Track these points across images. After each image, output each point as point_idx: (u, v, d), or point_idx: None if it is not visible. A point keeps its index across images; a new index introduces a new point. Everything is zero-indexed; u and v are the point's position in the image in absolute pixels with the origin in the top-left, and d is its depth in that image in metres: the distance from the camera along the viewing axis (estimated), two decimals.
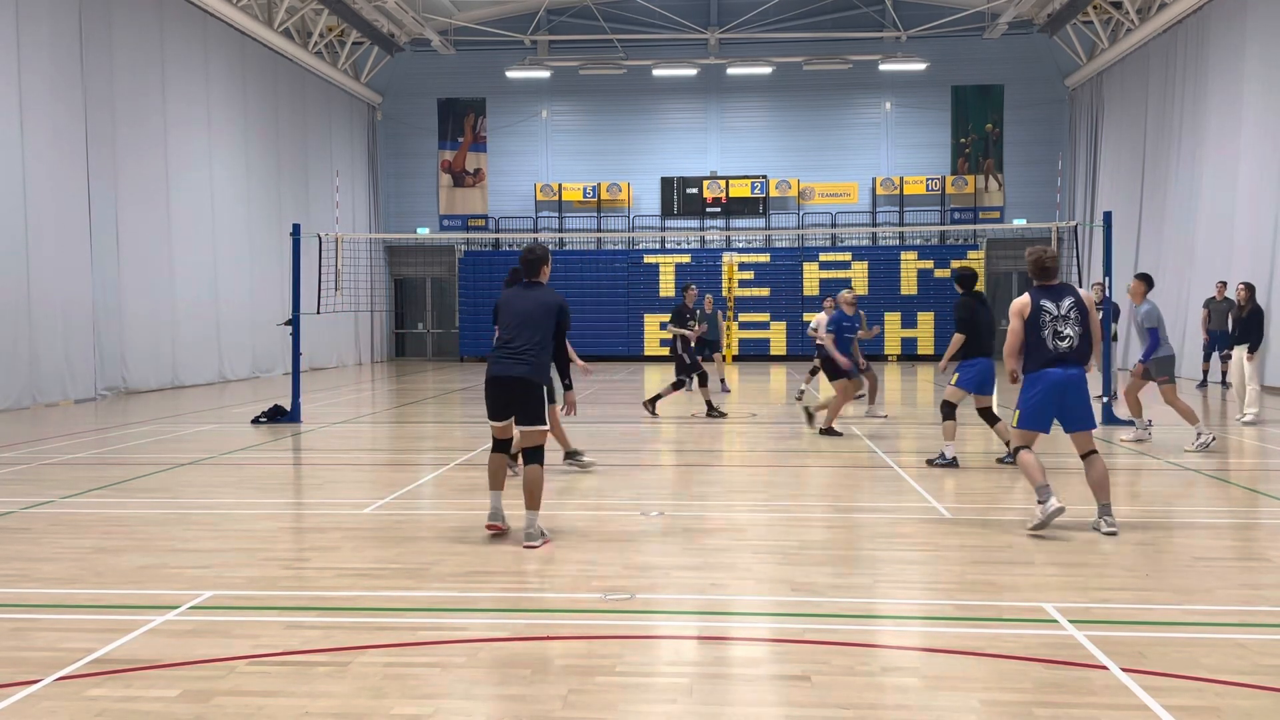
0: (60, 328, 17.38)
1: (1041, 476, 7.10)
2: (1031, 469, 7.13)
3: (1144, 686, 4.20)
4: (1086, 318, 7.11)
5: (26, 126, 16.72)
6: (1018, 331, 7.17)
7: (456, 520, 7.77)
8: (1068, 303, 7.09)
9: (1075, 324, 7.05)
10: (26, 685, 4.28)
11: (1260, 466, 10.43)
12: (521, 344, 6.82)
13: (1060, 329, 7.05)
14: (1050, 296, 7.13)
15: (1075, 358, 7.04)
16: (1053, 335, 7.03)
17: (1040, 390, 7.08)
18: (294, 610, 5.39)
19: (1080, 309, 7.09)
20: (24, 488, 9.17)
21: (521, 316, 6.88)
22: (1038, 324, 7.08)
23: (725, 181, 31.95)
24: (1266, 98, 19.44)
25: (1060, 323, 7.05)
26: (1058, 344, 7.03)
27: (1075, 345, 7.04)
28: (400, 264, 33.42)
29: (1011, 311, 7.25)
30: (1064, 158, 31.22)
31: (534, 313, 6.87)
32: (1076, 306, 7.09)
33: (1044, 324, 7.06)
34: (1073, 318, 7.06)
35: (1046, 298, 7.13)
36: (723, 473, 10.36)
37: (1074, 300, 7.12)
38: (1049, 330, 7.05)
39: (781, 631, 5.01)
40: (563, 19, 31.63)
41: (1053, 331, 7.04)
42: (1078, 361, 7.06)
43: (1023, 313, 7.15)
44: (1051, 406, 7.11)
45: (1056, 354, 7.03)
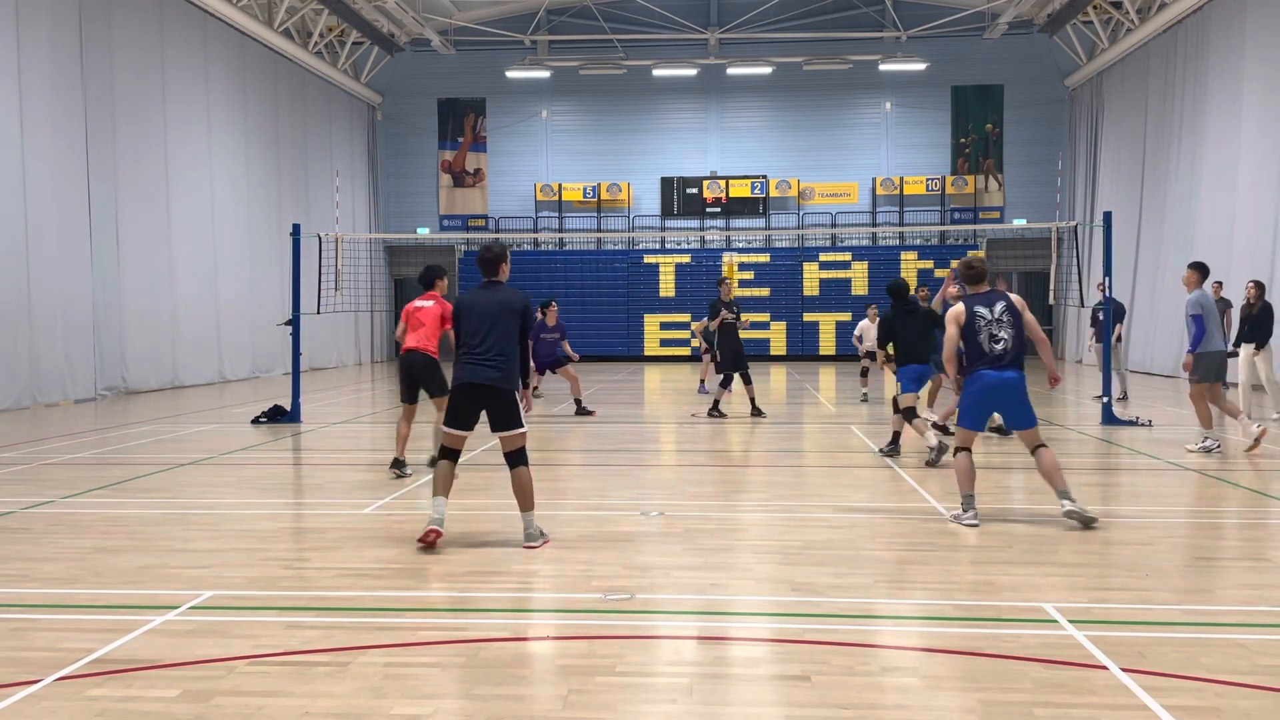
0: (60, 328, 17.38)
1: (970, 487, 7.38)
2: (963, 475, 7.42)
3: (1144, 686, 4.20)
4: (1019, 320, 7.42)
5: (26, 126, 16.73)
6: (954, 338, 7.52)
7: (457, 520, 7.77)
8: (1000, 307, 7.42)
9: (1009, 327, 7.36)
10: (26, 685, 4.28)
11: (1260, 466, 10.42)
12: (490, 348, 6.63)
13: (995, 332, 7.37)
14: (983, 303, 7.48)
15: (1010, 360, 7.35)
16: (988, 339, 7.36)
17: (976, 391, 7.41)
18: (294, 610, 5.39)
19: (1012, 312, 7.41)
20: (24, 488, 9.17)
21: (487, 319, 6.67)
22: (973, 329, 7.41)
23: (725, 181, 31.96)
24: (1266, 98, 19.44)
25: (994, 326, 7.38)
26: (993, 346, 7.35)
27: (1009, 347, 7.35)
28: (400, 264, 33.41)
29: (948, 319, 7.57)
30: (1064, 158, 31.22)
31: (499, 314, 6.68)
32: (1009, 310, 7.42)
33: (979, 329, 7.40)
34: (1006, 321, 7.38)
35: (980, 304, 7.48)
36: (723, 473, 10.36)
37: (1005, 304, 7.44)
38: (984, 334, 7.38)
39: (781, 631, 5.01)
40: (563, 19, 31.64)
41: (988, 335, 7.37)
42: (1013, 364, 7.37)
43: (959, 320, 7.48)
44: (988, 406, 7.50)
45: (992, 356, 7.36)
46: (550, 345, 15.46)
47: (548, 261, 32.49)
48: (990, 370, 7.35)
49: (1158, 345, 23.68)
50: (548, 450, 12.01)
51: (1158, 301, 23.93)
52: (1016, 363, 7.38)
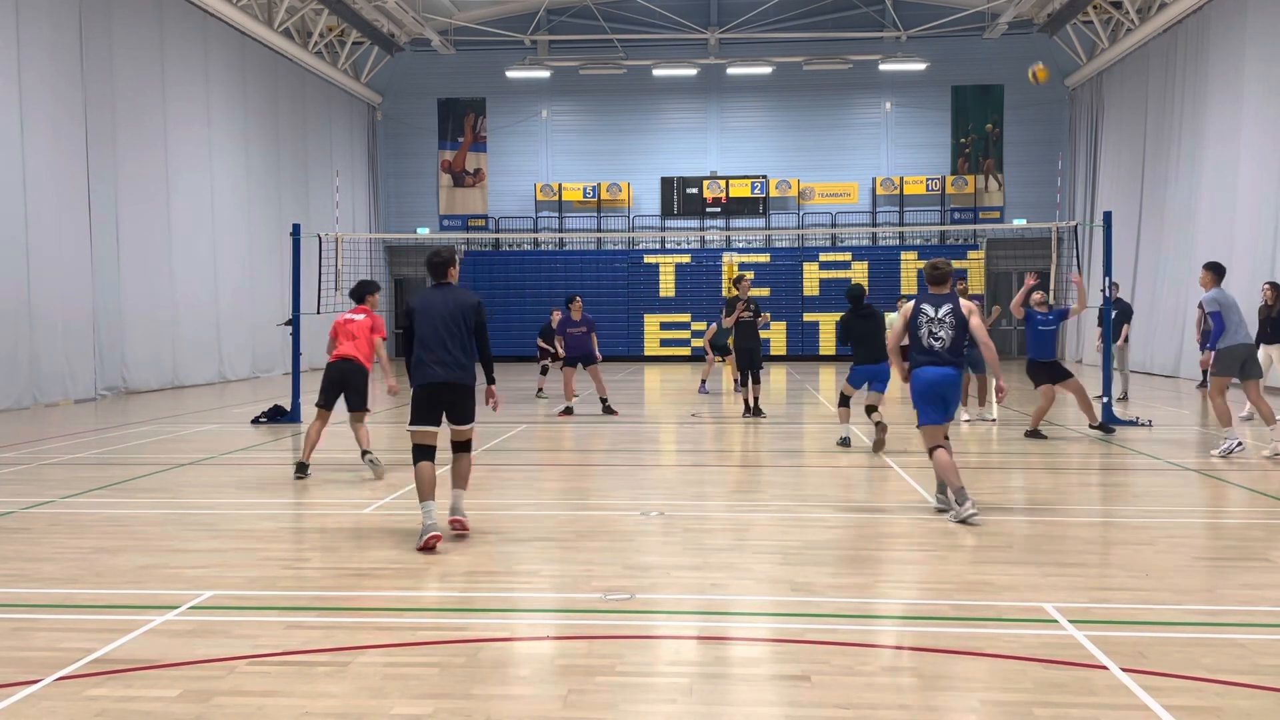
0: (60, 328, 17.39)
1: (957, 479, 7.55)
2: (947, 471, 7.59)
3: (1144, 686, 4.20)
4: (962, 324, 7.83)
5: (27, 126, 16.73)
6: (899, 331, 8.09)
7: None
8: (945, 309, 7.85)
9: (949, 328, 7.80)
10: (26, 685, 4.28)
11: (1260, 466, 10.42)
12: (452, 349, 6.89)
13: (935, 330, 7.82)
14: (932, 302, 7.91)
15: (947, 357, 7.78)
16: (928, 335, 7.82)
17: (920, 388, 7.81)
18: (294, 610, 5.39)
19: (957, 316, 7.82)
20: (24, 488, 9.17)
21: (443, 320, 6.91)
22: (916, 324, 7.89)
23: (725, 181, 31.96)
24: (1266, 98, 19.43)
25: (935, 325, 7.83)
26: (932, 343, 7.80)
27: (946, 346, 7.79)
28: (400, 264, 33.41)
29: (898, 315, 8.13)
30: (1064, 158, 31.22)
31: (454, 315, 6.94)
32: (954, 314, 7.83)
33: (921, 324, 7.86)
34: (948, 322, 7.82)
35: (928, 302, 7.91)
36: (723, 473, 10.36)
37: (952, 308, 7.85)
38: (925, 330, 7.83)
39: (781, 631, 5.01)
40: (563, 19, 31.64)
41: (928, 332, 7.82)
42: (950, 362, 7.80)
43: (906, 315, 8.02)
44: (935, 400, 7.79)
45: (930, 352, 7.80)
46: (580, 339, 15.65)
47: (548, 261, 32.49)
48: (929, 367, 7.78)
49: (1158, 345, 23.68)
50: (548, 450, 12.01)
51: (1158, 301, 23.94)
52: (955, 361, 7.81)
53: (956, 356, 7.81)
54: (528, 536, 7.13)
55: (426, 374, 6.91)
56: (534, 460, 11.22)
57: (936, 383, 7.73)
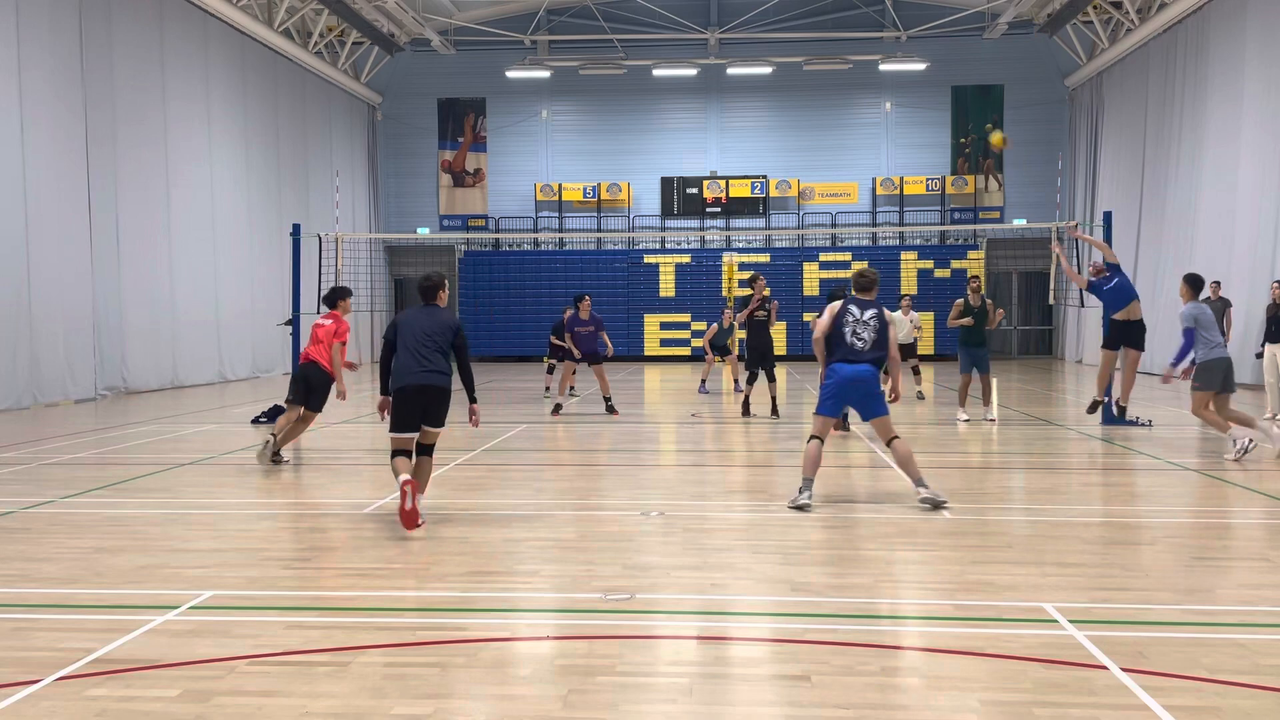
0: (60, 328, 17.39)
1: (812, 472, 8.14)
2: (810, 460, 8.18)
3: (1144, 686, 4.20)
4: (885, 329, 8.34)
5: (27, 126, 16.73)
6: (825, 326, 8.44)
7: (457, 520, 7.77)
8: (871, 313, 8.36)
9: (872, 330, 8.29)
10: (26, 685, 4.28)
11: (1260, 466, 10.42)
12: (430, 357, 7.52)
13: (859, 331, 8.31)
14: (859, 305, 8.41)
15: (867, 357, 8.25)
16: (851, 334, 8.29)
17: (833, 383, 8.29)
18: (294, 610, 5.39)
19: (880, 320, 8.34)
20: (24, 488, 9.17)
21: (427, 334, 7.57)
22: (841, 323, 8.34)
23: (725, 181, 31.96)
24: (1266, 98, 19.43)
25: (859, 326, 8.31)
26: (854, 342, 8.27)
27: (867, 347, 8.26)
28: (400, 264, 33.40)
29: (826, 311, 8.54)
30: (1064, 158, 31.22)
31: (437, 331, 7.61)
32: (877, 318, 8.35)
33: (845, 324, 8.33)
34: (871, 325, 8.32)
35: (855, 305, 8.41)
36: (723, 473, 10.36)
37: (876, 313, 8.37)
38: (849, 329, 8.30)
39: (781, 631, 5.01)
40: (563, 19, 31.64)
41: (851, 331, 8.30)
42: (869, 361, 8.27)
43: (833, 312, 8.45)
44: (843, 397, 8.36)
45: (851, 351, 8.26)
46: (588, 338, 15.72)
47: (548, 261, 32.49)
48: (845, 364, 8.27)
49: (1158, 345, 23.66)
50: (548, 450, 12.01)
51: (1158, 301, 23.92)
52: (873, 360, 8.29)
53: (875, 356, 8.28)
54: (528, 536, 7.13)
55: (404, 378, 7.47)
56: (534, 460, 11.22)
57: (851, 378, 8.22)
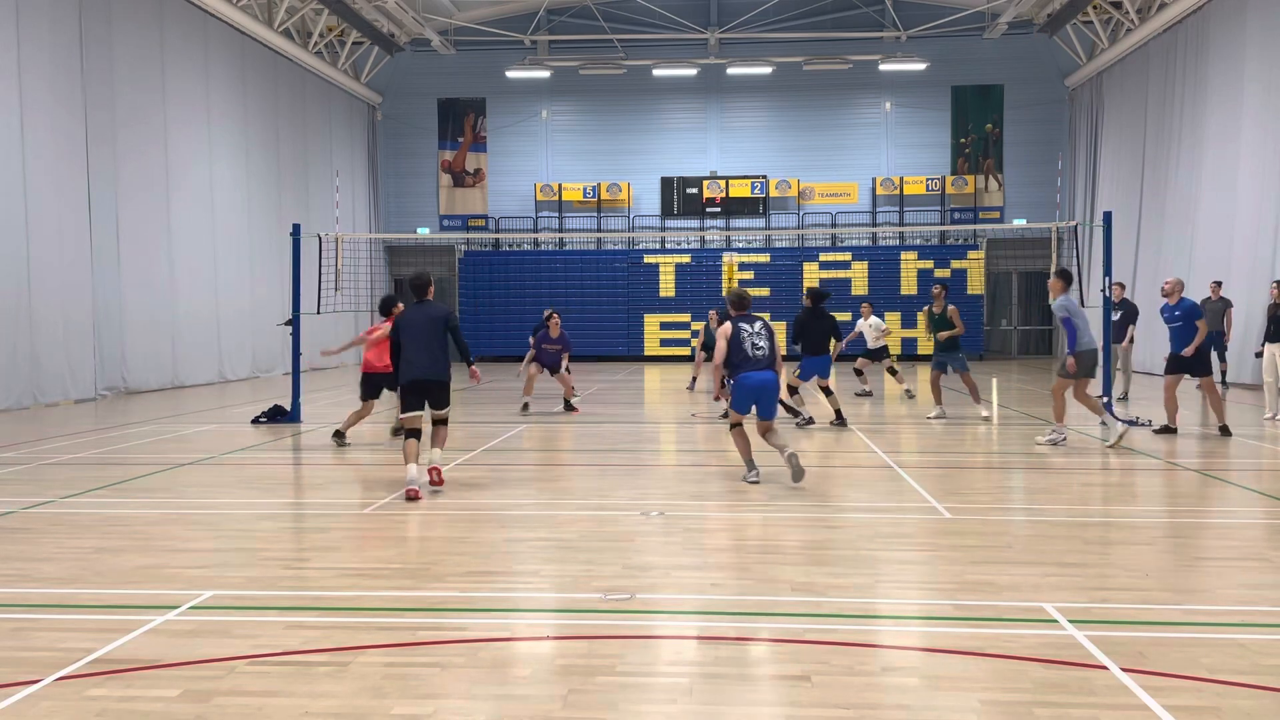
0: (60, 328, 17.39)
1: (748, 454, 9.30)
2: (741, 446, 9.33)
3: (1144, 686, 4.20)
4: (773, 336, 9.36)
5: (27, 126, 16.73)
6: (723, 350, 9.26)
7: (456, 520, 7.78)
8: (759, 324, 9.36)
9: (765, 339, 9.28)
10: (26, 685, 4.28)
11: (1260, 466, 10.43)
12: (432, 352, 8.88)
13: (756, 342, 9.26)
14: (745, 321, 9.37)
15: (766, 364, 9.22)
16: (751, 347, 9.22)
17: (743, 390, 9.19)
18: (294, 610, 5.39)
19: (767, 329, 9.37)
20: (24, 488, 9.17)
21: (425, 330, 8.88)
22: (739, 340, 9.23)
23: (725, 181, 31.96)
24: (1266, 98, 19.43)
25: (756, 337, 9.26)
26: (755, 353, 9.21)
27: (766, 354, 9.24)
28: (400, 264, 33.40)
29: (718, 334, 9.33)
30: (1064, 158, 31.22)
31: (432, 325, 8.90)
32: (765, 327, 9.36)
33: (744, 339, 9.24)
34: (763, 335, 9.29)
35: (743, 322, 9.35)
36: (723, 473, 10.35)
37: (763, 323, 9.40)
38: (749, 344, 9.22)
39: (781, 631, 5.01)
40: (563, 19, 31.64)
41: (751, 344, 9.23)
42: (768, 367, 9.24)
43: (727, 334, 9.28)
44: (751, 400, 9.24)
45: (754, 361, 9.20)
46: (553, 356, 15.59)
47: (548, 261, 32.49)
48: (753, 373, 9.17)
49: (1158, 345, 23.64)
50: (547, 450, 12.01)
51: (1158, 301, 23.90)
52: (771, 366, 9.25)
53: (773, 363, 9.28)
54: (528, 536, 7.13)
55: (411, 372, 8.87)
56: (534, 460, 11.22)
57: (759, 385, 9.15)
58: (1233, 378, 19.42)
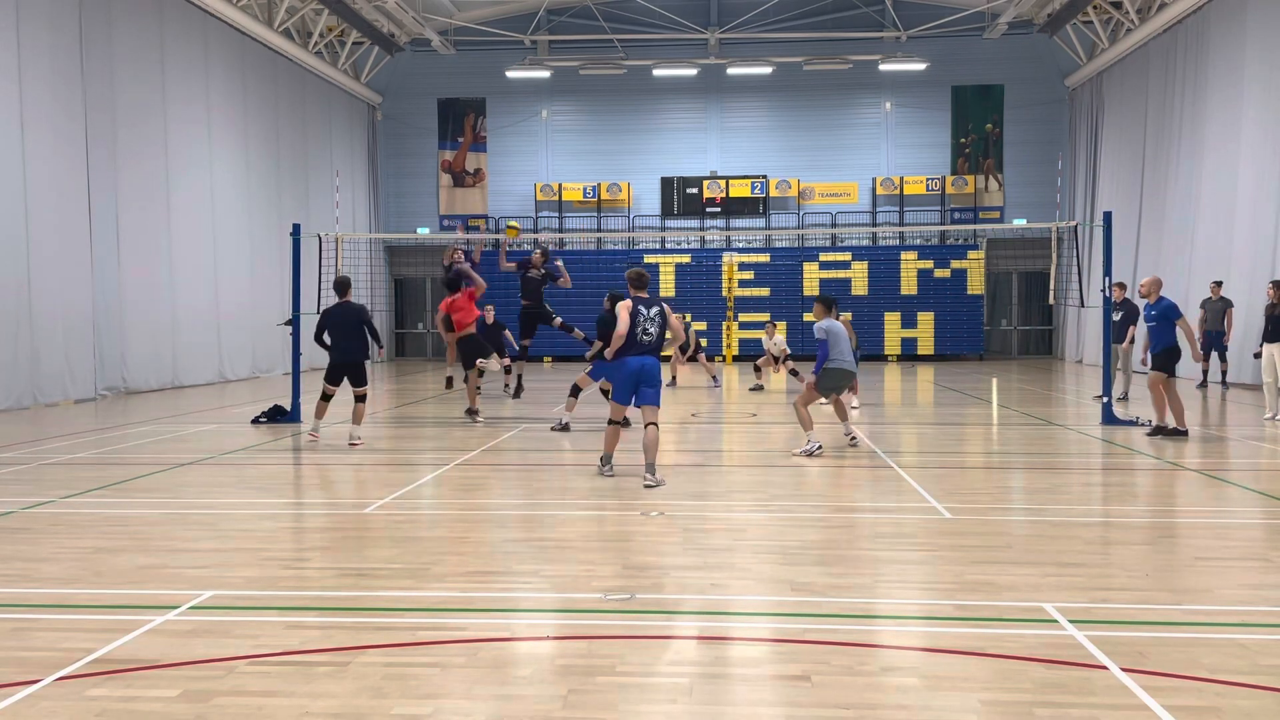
0: (60, 328, 17.38)
1: (611, 449, 9.58)
2: (609, 439, 9.55)
3: (1144, 686, 4.20)
4: (666, 323, 9.32)
5: (27, 126, 16.72)
6: (625, 324, 9.13)
7: (456, 520, 7.78)
8: (654, 310, 9.25)
9: (656, 326, 9.20)
10: (26, 685, 4.28)
11: (1260, 466, 10.43)
12: (355, 341, 11.99)
13: (647, 328, 9.19)
14: (644, 304, 9.23)
15: (652, 350, 9.21)
16: (641, 332, 9.17)
17: (625, 373, 9.18)
18: (294, 610, 5.39)
19: (662, 316, 9.29)
20: (24, 488, 9.17)
21: (348, 325, 11.95)
22: (635, 322, 9.14)
23: (725, 181, 31.95)
24: (1266, 98, 19.43)
25: (647, 323, 9.20)
26: (644, 338, 9.18)
27: (654, 341, 9.21)
28: (400, 264, 33.41)
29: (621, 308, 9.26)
30: (1064, 158, 31.22)
31: (352, 321, 12.01)
32: (660, 314, 9.27)
33: (639, 323, 9.16)
34: (655, 321, 9.22)
35: (642, 304, 9.21)
36: (723, 473, 10.35)
37: (659, 309, 9.27)
38: (640, 328, 9.16)
39: (781, 631, 5.01)
40: (563, 19, 31.63)
41: (642, 329, 9.16)
42: (653, 353, 9.22)
43: (628, 308, 9.21)
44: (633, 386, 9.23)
45: (640, 345, 9.18)
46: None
47: None
48: (634, 357, 9.14)
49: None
50: (548, 450, 12.01)
51: None
52: (655, 352, 9.27)
53: (659, 349, 9.34)
54: (528, 536, 7.13)
55: (338, 357, 12.01)
56: (533, 460, 11.22)
57: (639, 369, 9.14)
58: (1233, 378, 19.42)
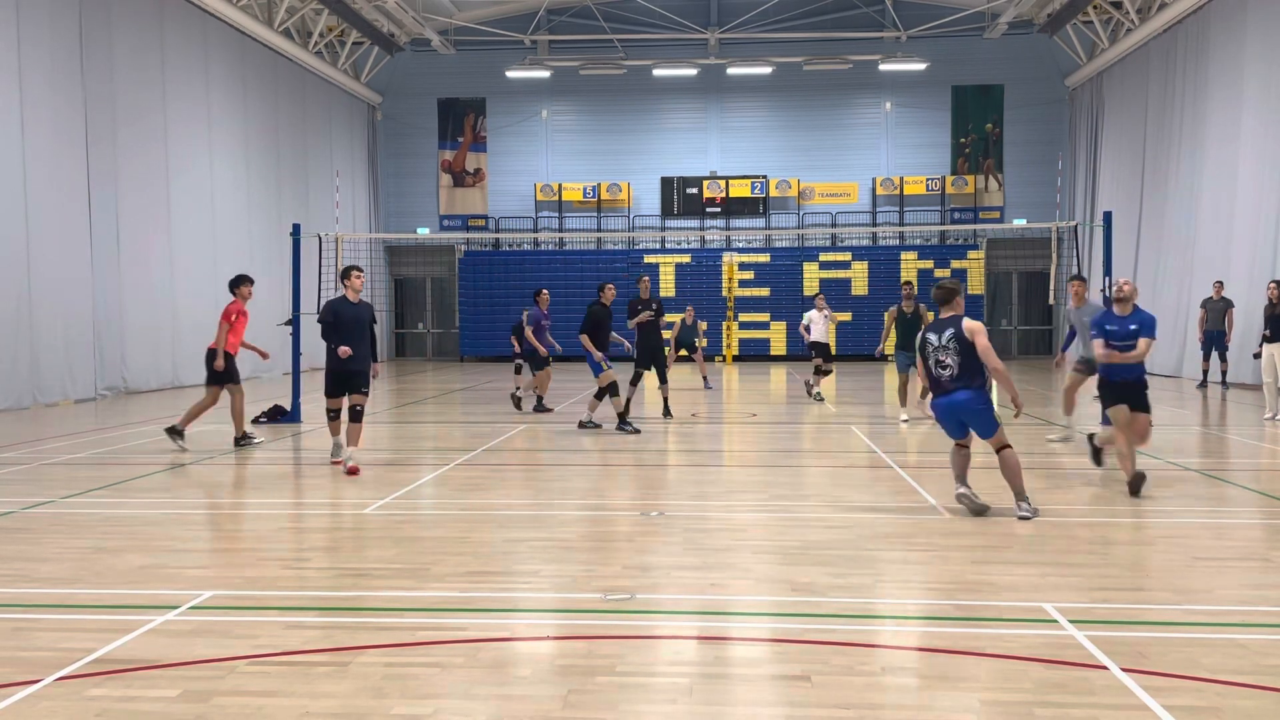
0: (60, 328, 17.38)
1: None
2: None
3: (1144, 686, 4.20)
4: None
5: (27, 126, 16.72)
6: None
7: (456, 520, 7.78)
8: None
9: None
10: (26, 685, 4.28)
11: (1260, 466, 10.43)
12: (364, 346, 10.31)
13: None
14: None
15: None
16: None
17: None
18: (294, 610, 5.39)
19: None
20: (24, 488, 9.17)
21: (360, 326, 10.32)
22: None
23: (725, 181, 31.95)
24: (1266, 98, 19.42)
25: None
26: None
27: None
28: (400, 264, 33.41)
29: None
30: (1064, 158, 31.21)
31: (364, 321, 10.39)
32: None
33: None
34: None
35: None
36: (723, 473, 10.35)
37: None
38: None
39: (781, 631, 5.01)
40: (563, 19, 31.63)
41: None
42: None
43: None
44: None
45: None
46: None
47: (548, 261, 32.49)
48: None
49: (1158, 345, 23.62)
50: (548, 450, 12.01)
51: (1158, 301, 23.90)
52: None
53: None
54: (528, 536, 7.13)
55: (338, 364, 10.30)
56: (534, 460, 11.22)
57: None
58: (1233, 378, 19.41)
